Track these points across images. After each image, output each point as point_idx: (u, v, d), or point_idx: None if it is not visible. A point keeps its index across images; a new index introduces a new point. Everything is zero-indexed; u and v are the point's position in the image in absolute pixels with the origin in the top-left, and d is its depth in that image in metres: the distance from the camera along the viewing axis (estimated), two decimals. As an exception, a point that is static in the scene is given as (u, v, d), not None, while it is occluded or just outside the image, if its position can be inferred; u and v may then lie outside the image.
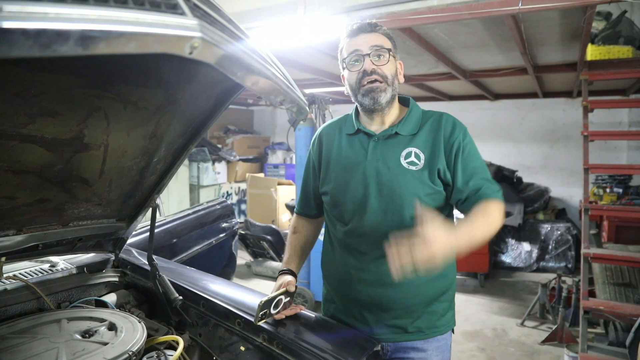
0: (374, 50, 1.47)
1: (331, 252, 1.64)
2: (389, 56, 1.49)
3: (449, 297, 1.58)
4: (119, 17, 0.47)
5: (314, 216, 1.78)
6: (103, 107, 1.15)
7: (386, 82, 1.48)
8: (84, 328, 1.33)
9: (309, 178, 1.73)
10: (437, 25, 3.42)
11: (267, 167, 9.41)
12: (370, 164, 1.51)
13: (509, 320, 4.56)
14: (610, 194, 5.71)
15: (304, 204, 1.77)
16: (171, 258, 2.79)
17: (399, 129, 1.51)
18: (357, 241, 1.52)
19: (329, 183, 1.59)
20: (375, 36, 1.49)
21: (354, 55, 1.49)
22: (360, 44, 1.48)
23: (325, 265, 1.68)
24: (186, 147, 1.50)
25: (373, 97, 1.47)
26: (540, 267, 6.21)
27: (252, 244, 5.97)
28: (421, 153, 1.48)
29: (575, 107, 7.23)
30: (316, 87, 6.62)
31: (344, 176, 1.55)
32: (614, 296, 3.82)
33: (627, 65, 4.05)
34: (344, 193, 1.54)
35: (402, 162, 1.47)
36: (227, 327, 1.48)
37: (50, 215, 1.45)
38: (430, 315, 1.52)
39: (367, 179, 1.50)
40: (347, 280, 1.55)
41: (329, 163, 1.61)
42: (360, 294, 1.52)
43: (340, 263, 1.58)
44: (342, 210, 1.56)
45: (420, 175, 1.46)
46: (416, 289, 1.49)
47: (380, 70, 1.47)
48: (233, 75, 0.64)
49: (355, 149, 1.56)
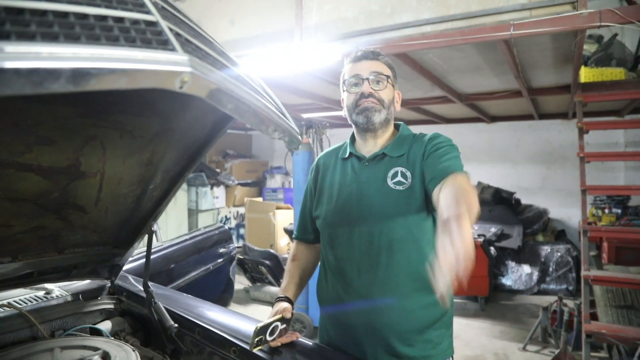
0: (373, 76, 1.53)
1: (324, 277, 1.64)
2: (387, 83, 1.55)
3: (444, 323, 1.54)
4: (110, 55, 0.49)
5: (312, 241, 1.78)
6: (99, 136, 1.17)
7: (382, 104, 1.53)
8: (77, 357, 1.32)
9: (307, 203, 1.75)
10: (432, 51, 3.48)
11: (266, 192, 9.41)
12: (357, 186, 1.53)
13: (511, 344, 4.50)
14: (609, 215, 5.70)
15: (302, 229, 1.79)
16: (168, 284, 2.78)
17: (387, 150, 1.54)
18: (347, 265, 1.52)
19: (321, 206, 1.62)
20: (377, 64, 1.56)
21: (354, 79, 1.55)
22: (362, 69, 1.55)
23: (320, 291, 1.68)
24: (182, 174, 1.51)
25: (367, 115, 1.52)
26: (541, 289, 6.16)
27: (251, 268, 5.94)
28: (407, 172, 1.48)
29: (571, 128, 7.28)
30: (313, 111, 6.68)
31: (333, 200, 1.58)
32: (617, 319, 3.78)
33: (620, 87, 4.11)
34: (333, 216, 1.56)
35: (389, 183, 1.48)
36: (223, 355, 1.46)
37: (46, 242, 1.45)
38: (425, 344, 1.48)
39: (354, 201, 1.52)
40: (339, 304, 1.54)
41: (322, 188, 1.65)
42: (352, 319, 1.51)
43: (332, 288, 1.58)
44: (332, 233, 1.57)
45: (407, 195, 1.45)
46: (408, 315, 1.46)
47: (377, 94, 1.52)
48: (224, 107, 0.65)
49: (346, 172, 1.60)
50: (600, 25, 2.56)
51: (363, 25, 3.13)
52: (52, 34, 0.47)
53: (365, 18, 3.12)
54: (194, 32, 0.71)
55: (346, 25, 3.20)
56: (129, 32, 0.54)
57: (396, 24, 2.99)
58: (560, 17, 2.61)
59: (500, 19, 2.73)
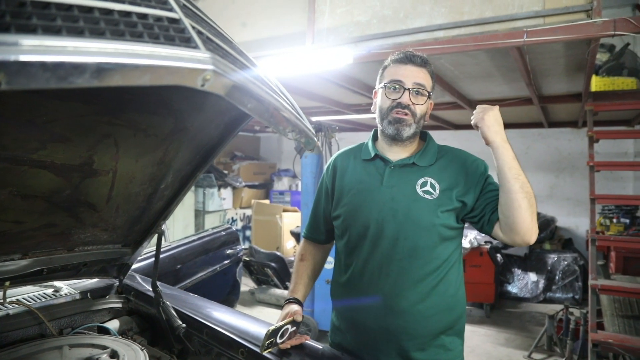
0: (416, 87, 1.49)
1: (340, 278, 1.62)
2: (426, 98, 1.52)
3: (457, 331, 1.55)
4: (134, 51, 0.48)
5: (322, 242, 1.77)
6: (113, 134, 1.17)
7: (414, 118, 1.50)
8: (85, 355, 1.31)
9: (320, 202, 1.73)
10: (443, 56, 3.46)
11: (273, 194, 9.41)
12: (385, 189, 1.51)
13: (516, 352, 4.46)
14: (617, 225, 5.66)
15: (313, 229, 1.77)
16: (175, 284, 2.77)
17: (416, 159, 1.54)
18: (367, 266, 1.51)
19: (343, 207, 1.59)
20: (422, 73, 1.52)
21: (395, 84, 1.50)
22: (406, 75, 1.50)
23: (335, 293, 1.66)
24: (194, 174, 1.51)
25: (398, 128, 1.50)
26: (547, 297, 6.11)
27: (256, 271, 5.93)
28: (437, 183, 1.49)
29: (580, 137, 7.23)
30: (323, 115, 6.69)
31: (357, 200, 1.55)
32: (624, 329, 3.74)
33: (632, 97, 4.07)
34: (356, 216, 1.54)
35: (418, 190, 1.48)
36: (230, 356, 1.46)
37: (56, 240, 1.46)
38: (437, 349, 1.49)
39: (382, 203, 1.50)
40: (356, 307, 1.53)
41: (342, 187, 1.62)
42: (367, 321, 1.50)
43: (349, 289, 1.57)
44: (353, 234, 1.55)
45: (435, 204, 1.46)
46: (425, 319, 1.47)
47: (413, 108, 1.50)
48: (243, 106, 0.65)
49: (371, 174, 1.57)
50: (614, 34, 2.53)
51: (375, 29, 3.12)
52: (78, 29, 0.46)
53: (377, 22, 3.12)
54: (215, 31, 0.70)
55: (358, 29, 3.20)
56: (152, 29, 0.54)
57: (409, 28, 2.98)
58: (574, 25, 2.59)
59: (514, 26, 2.72)
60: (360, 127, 8.48)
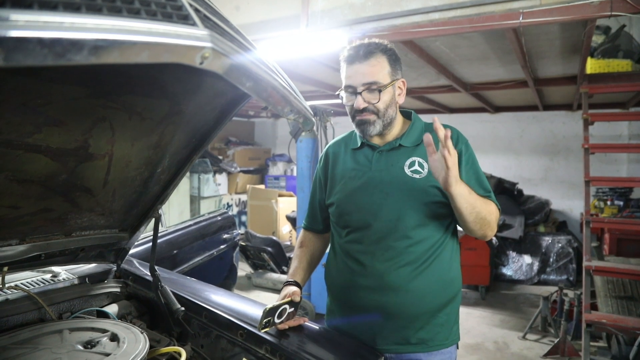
0: (365, 87, 1.48)
1: (334, 261, 1.65)
2: (383, 89, 1.49)
3: (453, 309, 1.58)
4: (132, 27, 0.48)
5: (320, 231, 1.80)
6: (108, 117, 1.16)
7: (377, 115, 1.51)
8: (86, 339, 1.32)
9: (316, 193, 1.76)
10: (439, 39, 3.45)
11: (268, 179, 9.41)
12: (374, 173, 1.55)
13: (511, 333, 4.52)
14: (611, 207, 5.70)
15: (311, 219, 1.81)
16: (172, 269, 2.78)
17: (402, 141, 1.56)
18: (363, 248, 1.54)
19: (335, 194, 1.63)
20: (369, 66, 1.48)
21: (348, 89, 1.52)
22: (354, 77, 1.50)
23: (329, 276, 1.69)
24: (190, 158, 1.51)
25: (363, 129, 1.54)
26: (541, 279, 6.19)
27: (253, 255, 5.96)
28: (424, 162, 1.51)
29: (575, 120, 7.26)
30: (318, 99, 6.66)
31: (349, 187, 1.59)
32: (617, 309, 3.79)
33: (627, 79, 4.08)
34: (349, 202, 1.58)
35: (406, 171, 1.51)
36: (230, 339, 1.47)
37: (53, 225, 1.45)
38: (434, 327, 1.52)
39: (372, 187, 1.53)
40: (351, 287, 1.56)
41: (334, 176, 1.66)
42: (364, 300, 1.53)
43: (344, 271, 1.59)
44: (348, 219, 1.58)
45: (424, 183, 1.49)
46: (421, 297, 1.49)
47: (371, 107, 1.50)
48: (242, 85, 0.64)
49: (360, 161, 1.61)
50: (611, 14, 2.53)
51: (370, 11, 3.10)
52: (74, 5, 0.46)
53: (372, 4, 3.09)
54: (212, 9, 0.69)
55: (353, 12, 3.17)
56: (149, 6, 0.53)
57: (404, 10, 2.95)
58: (570, 6, 2.58)
59: (510, 7, 2.70)
60: (356, 112, 8.46)
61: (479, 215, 1.42)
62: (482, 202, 1.44)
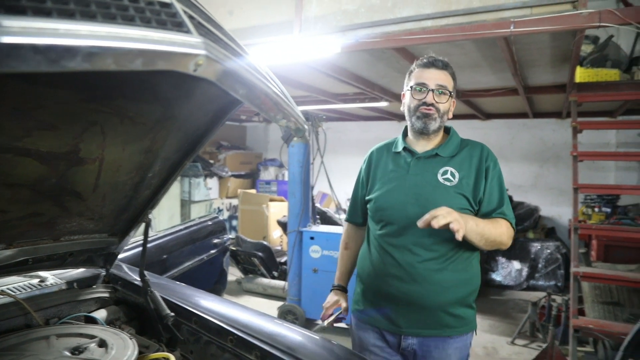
0: (438, 88, 1.73)
1: (368, 252, 1.86)
2: (448, 96, 1.75)
3: (472, 300, 1.80)
4: (126, 34, 0.48)
5: (360, 224, 2.04)
6: (100, 121, 1.15)
7: (439, 114, 1.75)
8: (73, 345, 1.30)
9: (358, 189, 1.99)
10: (431, 46, 3.47)
11: (259, 184, 9.40)
12: (411, 177, 1.77)
13: (500, 338, 4.55)
14: (598, 214, 5.76)
15: (353, 212, 2.04)
16: (162, 274, 2.76)
17: (439, 150, 1.78)
18: (394, 241, 1.75)
19: (375, 192, 1.85)
20: (444, 75, 1.75)
21: (420, 86, 1.74)
22: (429, 78, 1.73)
23: (362, 265, 1.90)
24: (181, 163, 1.50)
25: (425, 122, 1.75)
26: (530, 285, 6.23)
27: (243, 260, 5.93)
28: (456, 172, 1.74)
29: (564, 128, 7.34)
30: (310, 104, 6.67)
31: (387, 186, 1.81)
32: (603, 315, 3.83)
33: (615, 88, 4.14)
34: (385, 200, 1.79)
35: (439, 178, 1.73)
36: (219, 344, 1.46)
37: (41, 229, 1.43)
38: (453, 317, 1.72)
39: (407, 189, 1.75)
40: (382, 276, 1.77)
41: (375, 176, 1.88)
42: (392, 289, 1.73)
43: (377, 261, 1.79)
44: (383, 214, 1.79)
45: (453, 190, 1.71)
46: (444, 290, 1.69)
47: (437, 105, 1.73)
48: (235, 92, 0.65)
49: (399, 164, 1.83)
50: (599, 25, 2.57)
51: (364, 18, 3.11)
52: (68, 11, 0.45)
53: (366, 11, 3.11)
54: (205, 16, 0.69)
55: (346, 18, 3.18)
56: (144, 13, 0.53)
57: (397, 18, 2.98)
58: (560, 16, 2.62)
59: (501, 16, 2.73)
60: (348, 117, 8.47)
61: (488, 240, 1.64)
62: (491, 227, 1.64)
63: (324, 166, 4.45)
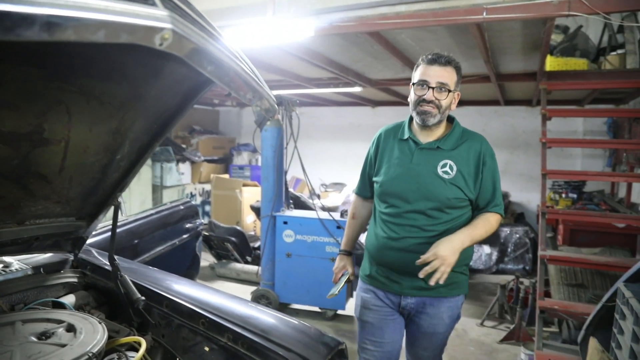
0: (438, 86, 1.85)
1: (374, 227, 2.08)
2: (448, 93, 1.87)
3: (464, 268, 2.03)
4: (87, 4, 0.46)
5: (368, 197, 2.23)
6: (65, 100, 1.12)
7: (439, 110, 1.88)
8: (40, 330, 1.28)
9: (366, 167, 2.17)
10: (404, 31, 3.48)
11: (233, 169, 9.31)
12: (414, 166, 1.95)
13: (469, 320, 4.66)
14: (565, 199, 5.94)
15: (362, 187, 2.24)
16: (133, 259, 2.72)
17: (441, 143, 1.94)
18: (395, 220, 1.96)
19: (381, 175, 2.03)
20: (446, 71, 1.87)
21: (422, 83, 1.87)
22: (431, 75, 1.86)
23: (369, 238, 2.11)
24: (151, 145, 1.47)
25: (423, 118, 1.89)
26: (499, 269, 6.39)
27: (216, 245, 5.89)
28: (454, 165, 1.91)
29: (534, 115, 7.48)
30: (283, 88, 6.61)
31: (391, 172, 1.99)
32: (568, 296, 3.97)
33: (583, 77, 4.24)
34: (389, 185, 1.98)
35: (438, 170, 1.91)
36: (191, 328, 1.45)
37: (4, 212, 1.39)
38: (446, 282, 1.84)
39: (409, 177, 1.94)
40: (384, 248, 1.99)
41: (382, 159, 2.06)
42: (392, 258, 1.97)
43: (379, 235, 2.01)
44: (387, 197, 2.00)
45: (450, 182, 1.89)
46: None
47: (437, 102, 1.86)
48: (203, 69, 0.63)
49: (404, 152, 1.99)
50: (568, 14, 2.61)
51: (338, 1, 3.09)
52: (25, -22, 0.43)
53: (340, -6, 3.08)
54: (173, -10, 0.67)
55: (320, 1, 3.15)
56: (106, -17, 0.51)
57: (371, 2, 2.96)
58: (532, 4, 2.65)
59: (474, 3, 2.75)
60: (322, 102, 8.45)
61: (480, 238, 1.93)
62: (482, 231, 1.91)
63: (298, 151, 4.42)
